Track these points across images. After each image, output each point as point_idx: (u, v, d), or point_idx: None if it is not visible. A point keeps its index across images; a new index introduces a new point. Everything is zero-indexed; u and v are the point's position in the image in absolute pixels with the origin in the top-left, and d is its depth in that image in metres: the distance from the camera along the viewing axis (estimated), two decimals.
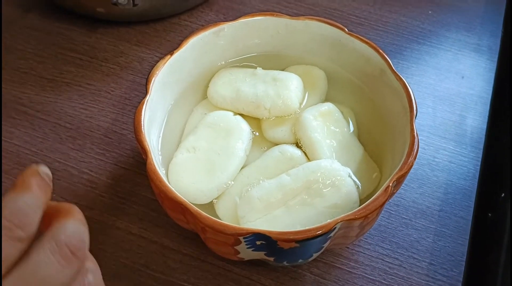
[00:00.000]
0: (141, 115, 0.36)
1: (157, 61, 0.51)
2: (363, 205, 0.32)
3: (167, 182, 0.33)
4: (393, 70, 0.39)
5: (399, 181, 0.34)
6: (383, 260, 0.40)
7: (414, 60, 0.53)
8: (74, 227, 0.25)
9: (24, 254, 0.23)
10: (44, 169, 0.25)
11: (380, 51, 0.40)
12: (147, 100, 0.37)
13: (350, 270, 0.39)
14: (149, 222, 0.41)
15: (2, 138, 0.46)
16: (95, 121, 0.47)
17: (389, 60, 0.39)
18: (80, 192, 0.42)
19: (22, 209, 0.23)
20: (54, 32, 0.54)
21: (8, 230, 0.22)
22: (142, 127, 0.35)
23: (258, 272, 0.39)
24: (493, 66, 0.53)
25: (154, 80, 0.38)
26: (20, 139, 0.46)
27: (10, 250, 0.22)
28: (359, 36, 0.41)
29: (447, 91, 0.51)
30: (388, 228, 0.42)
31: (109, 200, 0.42)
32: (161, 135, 0.40)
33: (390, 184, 0.33)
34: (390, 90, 0.39)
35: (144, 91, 0.49)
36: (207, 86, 0.43)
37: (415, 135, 0.35)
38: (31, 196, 0.24)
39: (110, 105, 0.48)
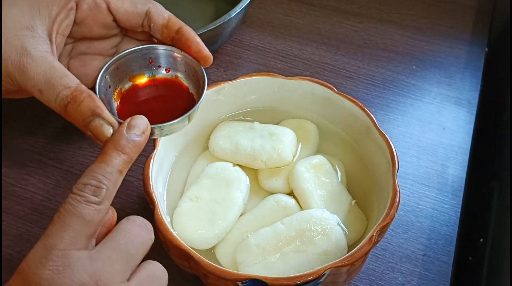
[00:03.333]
0: (149, 169, 0.39)
1: None
2: (350, 253, 0.35)
3: (172, 231, 0.37)
4: (378, 127, 0.43)
5: (382, 230, 0.37)
6: None
7: (400, 112, 0.57)
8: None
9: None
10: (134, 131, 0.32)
11: (366, 109, 0.44)
12: (155, 154, 0.41)
13: None
14: None
15: (18, 184, 0.49)
16: None
17: (374, 118, 0.43)
18: None
19: (96, 176, 0.30)
20: None
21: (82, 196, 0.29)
22: (150, 180, 0.39)
23: None
24: (472, 118, 0.57)
25: None
26: (34, 185, 0.49)
27: (88, 212, 0.29)
28: (347, 96, 0.45)
29: (430, 142, 0.54)
30: (375, 271, 0.45)
31: None
32: (166, 184, 0.44)
33: (374, 234, 0.36)
34: (375, 145, 0.43)
35: (149, 141, 0.52)
36: (208, 139, 0.47)
37: (397, 189, 0.39)
38: (106, 165, 0.30)
39: None
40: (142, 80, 0.38)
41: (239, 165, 0.45)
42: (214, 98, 0.46)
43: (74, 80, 0.32)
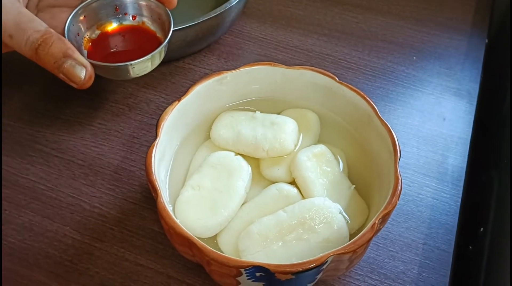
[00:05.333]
0: (151, 157, 0.39)
1: (163, 102, 0.56)
2: (352, 240, 0.36)
3: (175, 219, 0.37)
4: (379, 116, 0.43)
5: (384, 218, 0.37)
6: None
7: (400, 103, 0.57)
8: None
9: None
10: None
11: (368, 98, 0.44)
12: (157, 143, 0.41)
13: None
14: (156, 254, 0.44)
15: (19, 174, 0.49)
16: (106, 159, 0.51)
17: (375, 107, 0.43)
18: (92, 226, 0.46)
19: None
20: None
21: None
22: (153, 168, 0.39)
23: None
24: (472, 109, 0.57)
25: (163, 125, 0.42)
26: (36, 175, 0.49)
27: None
28: (349, 85, 0.45)
29: (430, 132, 0.55)
30: (376, 260, 0.45)
31: (118, 233, 0.45)
32: (168, 173, 0.44)
33: (376, 221, 0.36)
34: (376, 134, 0.43)
35: (151, 130, 0.53)
36: (210, 128, 0.47)
37: (399, 177, 0.39)
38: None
39: (119, 144, 0.52)
40: (110, 27, 0.39)
41: (241, 155, 0.45)
42: (216, 87, 0.46)
43: (43, 24, 0.33)
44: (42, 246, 0.44)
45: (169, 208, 0.38)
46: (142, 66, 0.36)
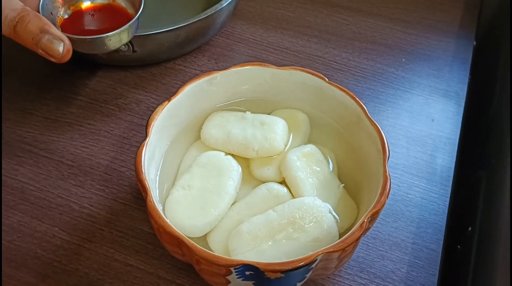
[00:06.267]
0: (141, 156, 0.39)
1: (153, 103, 0.56)
2: (341, 239, 0.36)
3: (165, 218, 0.37)
4: (369, 117, 0.43)
5: (373, 217, 0.38)
6: None
7: (389, 104, 0.58)
8: None
9: None
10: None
11: (357, 99, 0.44)
12: (147, 142, 0.41)
13: None
14: (146, 254, 0.44)
15: (8, 175, 0.49)
16: (95, 159, 0.50)
17: (365, 107, 0.44)
18: (81, 226, 0.46)
19: None
20: (57, 76, 0.58)
21: None
22: (143, 168, 0.39)
23: None
24: (460, 110, 0.57)
25: (153, 124, 0.42)
26: (25, 176, 0.49)
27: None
28: (338, 85, 0.45)
29: (419, 133, 0.55)
30: (365, 259, 0.45)
31: (108, 233, 0.45)
32: (158, 173, 0.44)
33: (365, 220, 0.37)
34: (366, 134, 0.43)
35: (141, 131, 0.53)
36: (200, 128, 0.47)
37: (387, 176, 0.39)
38: None
39: (109, 144, 0.52)
40: (83, 6, 0.42)
41: (231, 155, 0.45)
42: (206, 88, 0.46)
43: (19, 2, 0.34)
44: (30, 247, 0.44)
45: (159, 207, 0.38)
46: (117, 38, 0.38)
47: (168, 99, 0.44)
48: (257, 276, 0.35)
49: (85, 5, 0.42)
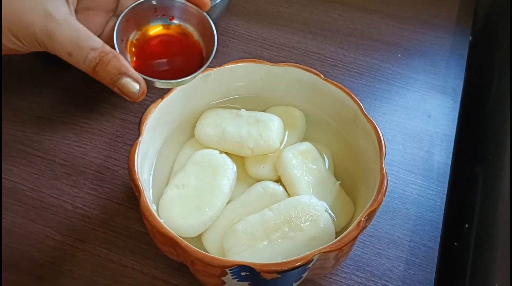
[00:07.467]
0: (134, 155, 0.39)
1: (147, 100, 0.55)
2: (338, 238, 0.35)
3: (159, 218, 0.36)
4: (365, 113, 0.43)
5: (370, 216, 0.37)
6: None
7: (386, 100, 0.57)
8: None
9: None
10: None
11: (353, 96, 0.44)
12: (140, 141, 0.40)
13: None
14: (140, 255, 0.44)
15: (2, 175, 0.48)
16: (89, 158, 0.50)
17: (361, 104, 0.43)
18: (75, 226, 0.45)
19: None
20: (51, 75, 0.57)
21: None
22: (136, 168, 0.38)
23: None
24: (457, 106, 0.57)
25: (146, 123, 0.41)
26: (18, 176, 0.48)
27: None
28: (334, 82, 0.45)
29: (416, 129, 0.55)
30: (362, 257, 0.45)
31: (102, 233, 0.45)
32: (152, 172, 0.43)
33: (362, 219, 0.36)
34: (362, 131, 0.43)
35: (134, 129, 0.52)
36: (194, 126, 0.46)
37: (384, 174, 0.39)
38: None
39: (103, 143, 0.51)
40: (151, 31, 0.40)
41: (226, 153, 0.44)
42: (200, 85, 0.46)
43: (98, 41, 0.34)
44: (24, 248, 0.44)
45: (152, 207, 0.37)
46: (183, 82, 0.38)
47: (162, 97, 0.43)
48: (253, 277, 0.34)
49: (153, 27, 0.40)
